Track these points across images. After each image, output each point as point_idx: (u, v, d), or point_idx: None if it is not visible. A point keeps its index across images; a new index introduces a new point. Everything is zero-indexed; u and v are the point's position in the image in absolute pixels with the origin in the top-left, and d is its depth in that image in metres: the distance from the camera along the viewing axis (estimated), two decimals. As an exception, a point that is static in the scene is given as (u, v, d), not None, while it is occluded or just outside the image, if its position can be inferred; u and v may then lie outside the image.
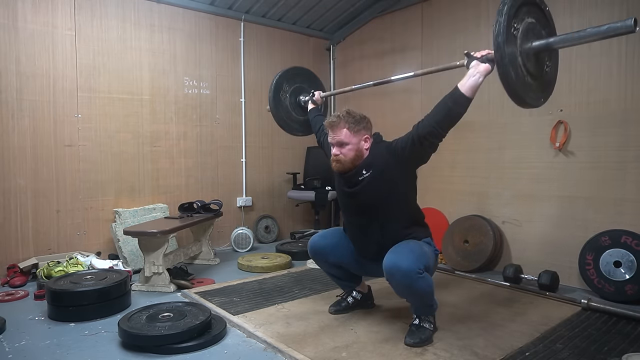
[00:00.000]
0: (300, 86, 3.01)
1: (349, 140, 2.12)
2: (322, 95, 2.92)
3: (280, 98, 2.91)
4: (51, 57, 3.32)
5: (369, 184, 2.12)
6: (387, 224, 2.15)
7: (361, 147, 2.14)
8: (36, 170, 3.29)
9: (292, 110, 2.96)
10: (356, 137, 2.12)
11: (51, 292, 2.45)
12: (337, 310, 2.47)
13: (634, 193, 2.76)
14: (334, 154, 2.16)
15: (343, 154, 2.13)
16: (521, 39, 1.73)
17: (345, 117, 2.13)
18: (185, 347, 2.02)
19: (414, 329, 2.12)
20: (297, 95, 3.00)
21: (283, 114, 2.94)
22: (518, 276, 2.96)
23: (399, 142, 2.09)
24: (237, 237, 4.16)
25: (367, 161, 2.14)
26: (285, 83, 2.96)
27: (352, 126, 2.11)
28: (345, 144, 2.12)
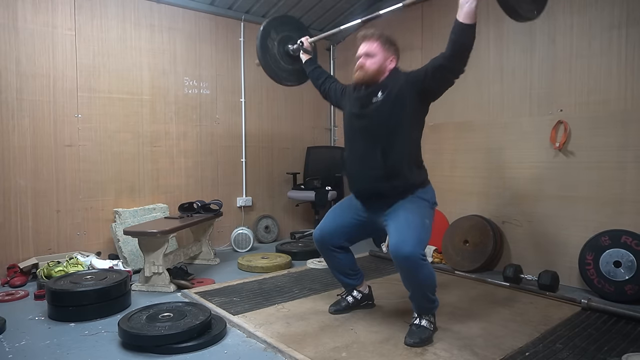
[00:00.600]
0: (289, 35, 2.92)
1: (377, 53, 2.19)
2: (310, 40, 2.85)
3: (267, 46, 2.82)
4: (51, 57, 3.32)
5: (381, 106, 2.16)
6: (390, 152, 2.15)
7: (385, 65, 2.20)
8: (36, 170, 3.29)
9: (280, 59, 2.88)
10: (384, 53, 2.20)
11: (51, 292, 2.45)
12: (337, 310, 2.47)
13: (634, 193, 2.76)
14: (360, 63, 2.22)
15: (368, 64, 2.19)
16: None
17: (380, 33, 2.22)
18: (185, 347, 2.02)
19: (414, 329, 2.12)
20: (285, 44, 2.90)
21: (271, 63, 2.85)
22: (518, 276, 2.96)
23: (417, 72, 2.14)
24: (237, 237, 4.16)
25: (384, 82, 2.19)
26: (272, 30, 2.85)
27: (384, 42, 2.21)
28: (373, 56, 2.19)
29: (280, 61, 2.88)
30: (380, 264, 3.60)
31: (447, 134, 3.80)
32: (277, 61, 2.86)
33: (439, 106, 3.85)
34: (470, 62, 3.73)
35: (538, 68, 3.20)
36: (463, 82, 3.64)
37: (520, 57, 3.31)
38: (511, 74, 3.37)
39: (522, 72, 3.30)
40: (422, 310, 2.15)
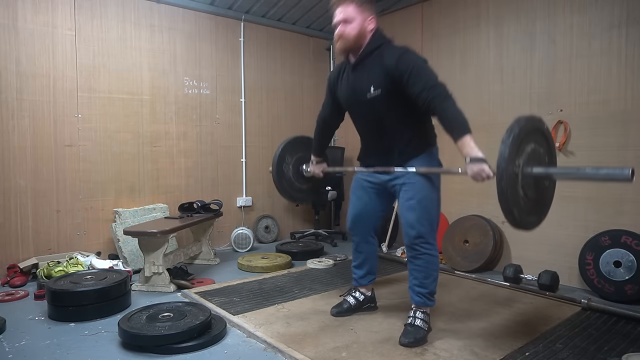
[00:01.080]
0: (302, 155, 2.83)
1: (354, 16, 2.10)
2: (324, 170, 2.67)
3: (283, 171, 2.76)
4: (51, 57, 3.32)
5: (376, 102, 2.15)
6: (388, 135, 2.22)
7: (365, 27, 2.13)
8: (36, 170, 3.29)
9: (295, 181, 2.82)
10: (362, 15, 2.11)
11: (51, 292, 2.45)
12: (339, 312, 2.46)
13: (634, 193, 2.76)
14: (338, 31, 2.14)
15: (347, 32, 2.12)
16: (523, 165, 1.70)
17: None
18: (185, 347, 2.02)
19: (409, 329, 2.13)
20: (300, 164, 2.82)
21: (287, 187, 2.79)
22: (518, 276, 2.96)
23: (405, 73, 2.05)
24: (237, 237, 4.16)
25: (371, 45, 2.13)
26: (287, 155, 2.80)
27: (359, 3, 2.11)
28: (351, 21, 2.11)
29: (295, 183, 2.83)
30: (380, 264, 3.59)
31: (447, 134, 3.79)
32: (292, 183, 2.81)
33: (439, 106, 3.87)
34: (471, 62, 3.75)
35: (538, 68, 3.20)
36: (463, 82, 3.68)
37: (520, 57, 3.31)
38: (511, 74, 3.37)
39: (522, 72, 3.30)
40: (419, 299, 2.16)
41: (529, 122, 1.73)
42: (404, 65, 2.05)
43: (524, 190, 1.68)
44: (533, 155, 1.73)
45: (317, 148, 2.63)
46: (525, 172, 1.66)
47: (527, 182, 1.68)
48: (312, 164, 2.67)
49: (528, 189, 1.69)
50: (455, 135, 1.95)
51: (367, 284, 2.53)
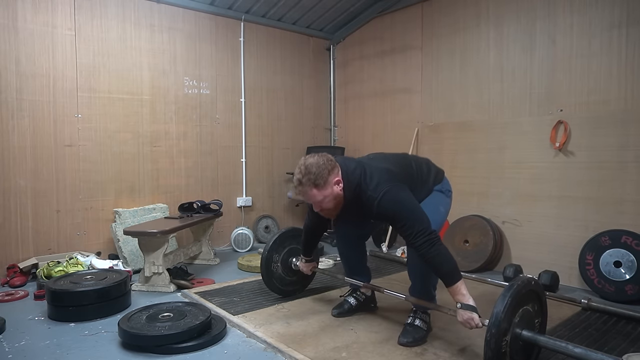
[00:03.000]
0: (292, 247, 2.79)
1: (323, 196, 2.00)
2: (313, 269, 2.67)
3: (272, 271, 2.71)
4: (51, 57, 3.32)
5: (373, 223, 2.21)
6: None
7: (336, 192, 2.02)
8: (36, 170, 3.29)
9: (285, 276, 2.76)
10: (326, 189, 1.99)
11: (51, 292, 2.45)
12: (340, 313, 2.46)
13: (634, 193, 2.76)
14: (316, 208, 2.08)
15: (325, 207, 2.05)
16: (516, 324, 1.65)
17: (305, 180, 1.98)
18: (185, 347, 2.02)
19: (409, 328, 2.13)
20: (288, 257, 2.77)
21: (277, 284, 2.74)
22: (518, 276, 2.95)
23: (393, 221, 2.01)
24: (237, 237, 4.15)
25: (347, 200, 2.05)
26: (275, 254, 2.73)
27: (318, 182, 1.97)
28: (321, 200, 2.02)
29: (286, 278, 2.77)
30: (380, 264, 3.60)
31: (447, 134, 3.80)
32: (282, 279, 2.75)
33: (439, 106, 3.88)
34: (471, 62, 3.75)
35: (538, 68, 3.20)
36: (463, 82, 3.68)
37: (520, 57, 3.31)
38: (511, 74, 3.37)
39: (522, 72, 3.30)
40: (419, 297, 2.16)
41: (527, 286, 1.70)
42: (385, 214, 2.01)
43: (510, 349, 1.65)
44: (525, 316, 1.71)
45: (306, 250, 2.60)
46: (514, 332, 1.64)
47: (515, 343, 1.64)
48: (302, 262, 2.64)
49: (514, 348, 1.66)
50: (446, 281, 1.92)
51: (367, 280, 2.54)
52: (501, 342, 1.57)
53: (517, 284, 1.65)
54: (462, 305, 1.86)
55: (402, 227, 1.93)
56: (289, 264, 2.75)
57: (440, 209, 2.20)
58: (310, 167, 1.99)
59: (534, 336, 1.65)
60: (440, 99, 3.87)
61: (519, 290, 1.64)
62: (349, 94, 4.86)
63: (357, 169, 2.04)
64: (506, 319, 1.58)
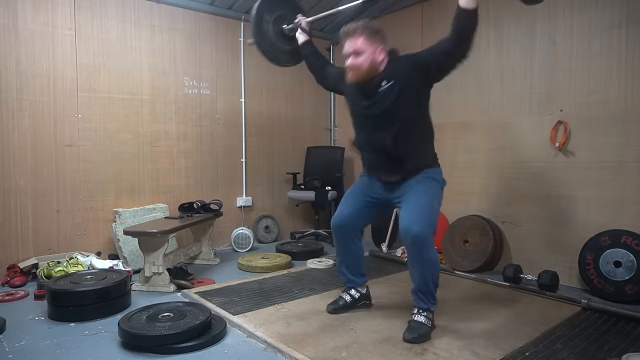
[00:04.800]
0: (282, 13, 2.79)
1: (365, 49, 2.12)
2: (307, 20, 2.72)
3: (263, 30, 2.70)
4: (51, 57, 3.32)
5: (388, 94, 2.14)
6: (399, 137, 2.18)
7: (375, 58, 2.14)
8: (36, 170, 3.29)
9: (276, 41, 2.76)
10: (372, 46, 2.13)
11: (51, 292, 2.45)
12: (335, 309, 2.47)
13: (634, 193, 2.76)
14: (350, 63, 2.15)
15: (359, 63, 2.13)
16: None
17: (362, 26, 2.14)
18: (185, 347, 2.02)
19: (413, 325, 2.13)
20: (280, 23, 2.77)
21: (268, 46, 2.73)
22: (518, 276, 2.96)
23: (422, 55, 2.13)
24: (237, 237, 4.16)
25: (386, 72, 2.16)
26: (265, 12, 2.71)
27: (369, 35, 2.13)
28: (361, 53, 2.12)
29: (277, 43, 2.75)
30: (380, 264, 3.60)
31: (447, 134, 3.80)
32: (274, 43, 2.74)
33: (439, 106, 3.87)
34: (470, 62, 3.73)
35: (538, 68, 3.20)
36: (463, 82, 3.68)
37: (520, 57, 3.31)
38: (511, 74, 3.37)
39: (522, 72, 3.30)
40: (421, 302, 2.17)
41: None
42: (419, 58, 2.14)
43: None
44: None
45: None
46: None
47: None
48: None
49: None
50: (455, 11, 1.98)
51: (362, 282, 2.55)
52: None
53: None
54: None
55: (433, 50, 2.07)
56: (281, 30, 2.74)
57: (434, 204, 2.22)
58: (372, 24, 2.15)
59: None
60: (440, 99, 3.86)
61: None
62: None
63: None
64: None
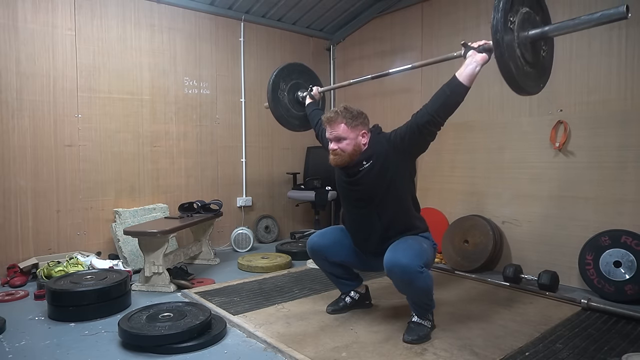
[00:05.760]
0: (297, 82, 3.05)
1: (347, 135, 2.13)
2: (320, 90, 2.96)
3: (279, 97, 2.95)
4: (51, 57, 3.32)
5: (369, 174, 2.14)
6: (386, 214, 2.17)
7: (359, 142, 2.15)
8: (36, 170, 3.29)
9: (291, 107, 2.99)
10: (354, 132, 2.14)
11: (51, 292, 2.45)
12: (335, 310, 2.47)
13: (634, 193, 2.76)
14: (332, 148, 2.17)
15: (341, 148, 2.14)
16: (518, 30, 1.76)
17: (342, 113, 2.15)
18: (185, 347, 2.02)
19: (413, 326, 2.13)
20: (295, 91, 3.03)
21: (283, 112, 2.98)
22: (518, 276, 2.96)
23: (398, 132, 2.12)
24: (237, 237, 4.16)
25: (367, 153, 2.16)
26: (282, 81, 2.99)
27: (350, 121, 2.13)
28: (343, 139, 2.13)
29: (292, 109, 2.98)
30: (380, 264, 3.60)
31: (447, 134, 3.79)
32: (289, 109, 2.97)
33: (439, 106, 3.88)
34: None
35: (538, 68, 3.20)
36: (463, 82, 3.67)
37: (520, 57, 3.30)
38: (511, 74, 3.36)
39: (522, 72, 3.29)
40: (419, 312, 2.16)
41: None
42: (397, 134, 2.13)
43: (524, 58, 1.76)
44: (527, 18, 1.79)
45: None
46: (521, 36, 1.72)
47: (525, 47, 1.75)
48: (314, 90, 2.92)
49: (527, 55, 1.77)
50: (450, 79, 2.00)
51: (358, 284, 2.55)
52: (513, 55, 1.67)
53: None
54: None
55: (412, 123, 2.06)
56: (296, 97, 2.97)
57: (424, 247, 2.13)
58: (351, 109, 2.18)
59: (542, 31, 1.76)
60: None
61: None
62: (349, 94, 4.86)
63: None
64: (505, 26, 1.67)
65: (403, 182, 2.19)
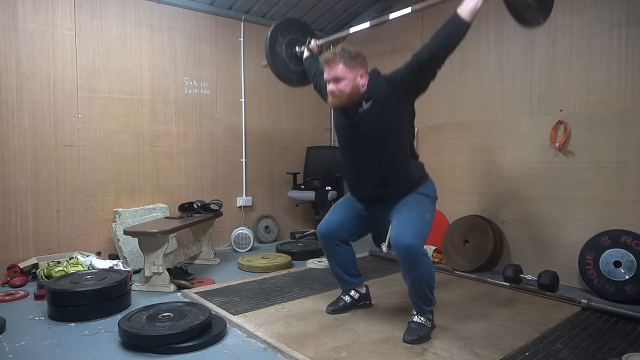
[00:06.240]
0: (295, 37, 3.00)
1: (345, 75, 2.12)
2: (318, 43, 2.91)
3: (276, 51, 2.90)
4: (51, 57, 3.32)
5: (368, 115, 2.13)
6: (384, 156, 2.16)
7: (357, 83, 2.14)
8: (36, 170, 3.29)
9: (289, 61, 2.96)
10: (352, 72, 2.13)
11: (51, 292, 2.45)
12: (335, 310, 2.47)
13: (634, 193, 2.76)
14: (330, 89, 2.16)
15: (339, 89, 2.13)
16: None
17: (340, 53, 2.14)
18: (185, 347, 2.02)
19: (413, 326, 2.13)
20: (293, 46, 2.99)
21: (280, 66, 2.94)
22: (518, 276, 2.96)
23: (399, 72, 2.11)
24: (237, 237, 4.16)
25: (366, 94, 2.15)
26: (280, 35, 2.94)
27: (348, 61, 2.12)
28: (341, 79, 2.12)
29: (289, 64, 2.95)
30: (380, 264, 3.60)
31: (447, 134, 3.80)
32: (286, 64, 2.94)
33: (439, 106, 3.88)
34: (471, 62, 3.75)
35: (538, 68, 3.21)
36: (463, 82, 3.68)
37: (520, 57, 3.31)
38: (511, 74, 3.37)
39: (522, 72, 3.30)
40: (419, 307, 2.16)
41: None
42: (397, 74, 2.12)
43: None
44: None
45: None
46: None
47: None
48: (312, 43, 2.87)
49: None
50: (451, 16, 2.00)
51: (359, 283, 2.55)
52: None
53: None
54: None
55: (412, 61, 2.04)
56: (294, 53, 2.94)
57: (426, 216, 2.16)
58: (349, 49, 2.16)
59: None
60: (440, 99, 3.87)
61: None
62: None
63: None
64: None
65: (402, 124, 2.17)
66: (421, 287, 2.11)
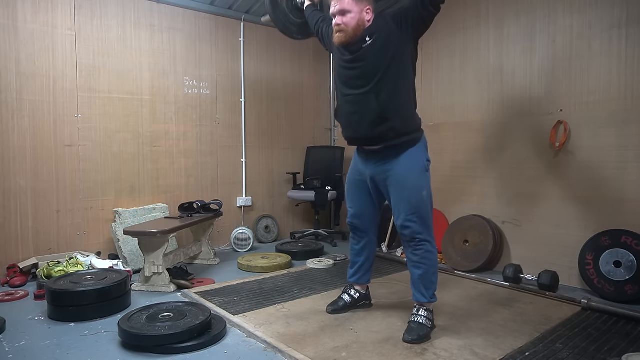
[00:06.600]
0: None
1: (352, 9, 2.13)
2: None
3: (277, 1, 2.86)
4: (51, 57, 3.32)
5: (371, 49, 2.12)
6: (383, 93, 2.12)
7: (363, 17, 2.15)
8: (36, 170, 3.29)
9: (289, 12, 2.90)
10: (358, 5, 2.14)
11: (51, 292, 2.45)
12: (335, 310, 2.48)
13: (634, 193, 2.76)
14: (336, 23, 2.16)
15: (345, 23, 2.14)
16: None
17: None
18: (185, 347, 2.02)
19: (413, 326, 2.13)
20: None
21: (281, 17, 2.89)
22: (518, 276, 2.96)
23: (403, 7, 2.13)
24: (237, 237, 4.16)
25: (370, 29, 2.15)
26: None
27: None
28: (348, 12, 2.13)
29: (290, 15, 2.90)
30: (380, 264, 3.60)
31: (447, 134, 3.80)
32: (287, 15, 2.88)
33: (439, 106, 3.88)
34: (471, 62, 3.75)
35: (538, 68, 3.20)
36: (463, 82, 3.68)
37: (520, 57, 3.31)
38: (511, 74, 3.37)
39: (522, 72, 3.30)
40: (421, 294, 2.17)
41: None
42: (399, 10, 2.15)
43: None
44: None
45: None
46: None
47: None
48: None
49: None
50: None
51: (363, 282, 2.55)
52: None
53: None
54: None
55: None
56: (295, 4, 2.88)
57: (425, 197, 2.17)
58: None
59: None
60: (440, 99, 3.87)
61: None
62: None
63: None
64: None
65: (404, 63, 2.16)
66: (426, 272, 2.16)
